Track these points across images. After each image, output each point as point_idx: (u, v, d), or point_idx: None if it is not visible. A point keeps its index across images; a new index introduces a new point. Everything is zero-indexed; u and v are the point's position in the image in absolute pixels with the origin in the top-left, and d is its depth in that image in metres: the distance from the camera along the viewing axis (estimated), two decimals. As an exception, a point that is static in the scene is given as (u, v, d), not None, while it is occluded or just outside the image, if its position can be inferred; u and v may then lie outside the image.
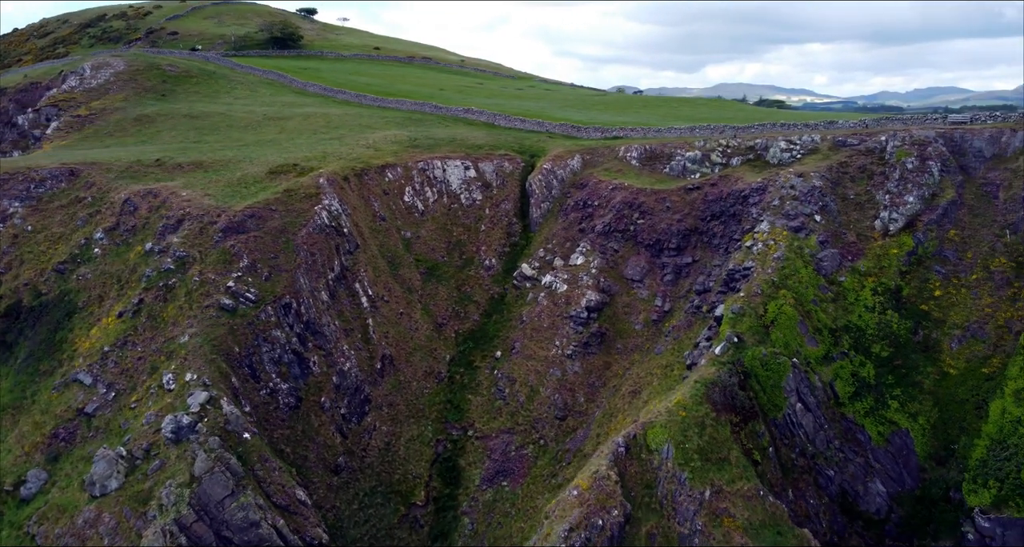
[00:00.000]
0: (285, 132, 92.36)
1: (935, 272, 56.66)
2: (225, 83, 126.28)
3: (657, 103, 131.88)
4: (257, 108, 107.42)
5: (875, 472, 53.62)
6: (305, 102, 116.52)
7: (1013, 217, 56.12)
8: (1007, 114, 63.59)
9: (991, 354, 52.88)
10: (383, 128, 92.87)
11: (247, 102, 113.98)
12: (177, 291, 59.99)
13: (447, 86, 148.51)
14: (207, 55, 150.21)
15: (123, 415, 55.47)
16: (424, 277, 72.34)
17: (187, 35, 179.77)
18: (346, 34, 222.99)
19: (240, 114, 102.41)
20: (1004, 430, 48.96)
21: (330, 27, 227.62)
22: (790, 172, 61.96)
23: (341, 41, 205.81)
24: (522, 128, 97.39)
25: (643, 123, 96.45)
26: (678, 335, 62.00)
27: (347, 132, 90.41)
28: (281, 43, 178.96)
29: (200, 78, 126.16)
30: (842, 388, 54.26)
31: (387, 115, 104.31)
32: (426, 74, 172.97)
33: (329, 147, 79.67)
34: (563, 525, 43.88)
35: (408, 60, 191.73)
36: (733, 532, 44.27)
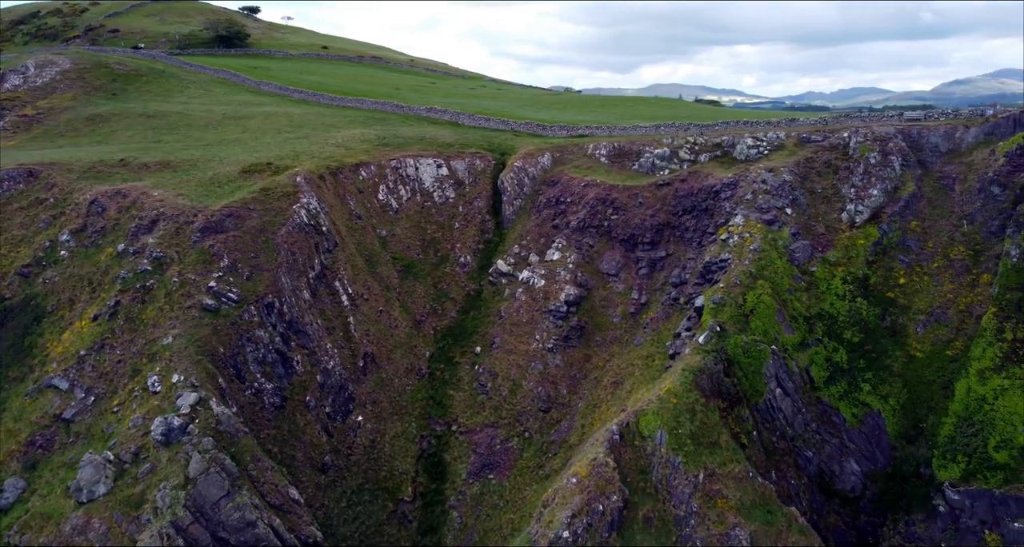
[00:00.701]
0: (248, 131, 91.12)
1: (899, 261, 59.71)
2: (177, 82, 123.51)
3: (614, 102, 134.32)
4: (215, 107, 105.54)
5: (850, 452, 56.29)
6: (262, 101, 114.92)
7: (969, 208, 59.55)
8: (958, 111, 67.32)
9: (954, 337, 56.07)
10: (348, 127, 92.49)
11: (203, 101, 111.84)
12: (156, 292, 58.93)
13: (402, 85, 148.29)
14: (154, 53, 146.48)
15: (105, 419, 54.29)
16: (401, 275, 72.57)
17: (128, 33, 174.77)
18: (292, 33, 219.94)
19: (198, 113, 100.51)
20: (970, 408, 52.08)
21: (275, 26, 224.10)
22: (760, 167, 64.40)
23: (288, 40, 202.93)
24: (487, 126, 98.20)
25: (604, 121, 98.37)
26: (657, 326, 63.77)
27: (312, 131, 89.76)
28: (227, 42, 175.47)
29: (150, 77, 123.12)
30: (817, 373, 56.78)
31: (349, 114, 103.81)
32: (377, 73, 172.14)
33: (299, 146, 79.08)
34: (565, 512, 44.98)
35: (358, 59, 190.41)
36: (727, 512, 46.06)
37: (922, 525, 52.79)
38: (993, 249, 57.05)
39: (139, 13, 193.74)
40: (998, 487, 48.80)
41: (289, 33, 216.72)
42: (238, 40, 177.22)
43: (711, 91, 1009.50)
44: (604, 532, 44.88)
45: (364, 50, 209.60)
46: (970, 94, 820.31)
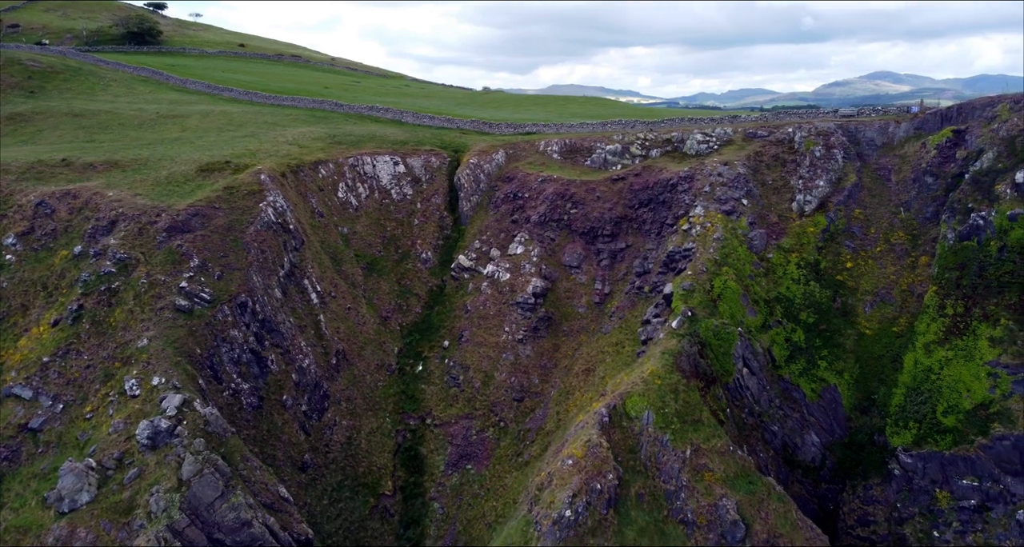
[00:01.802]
0: (188, 130, 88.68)
1: (846, 246, 64.32)
2: (97, 80, 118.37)
3: (546, 101, 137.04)
4: (145, 106, 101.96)
5: (810, 425, 60.35)
6: (192, 100, 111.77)
7: (905, 196, 64.76)
8: (887, 107, 72.84)
9: (898, 315, 60.97)
10: (294, 125, 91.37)
11: (129, 100, 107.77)
12: (123, 294, 57.15)
13: (330, 84, 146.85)
14: (64, 50, 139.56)
15: (78, 427, 52.42)
16: (365, 272, 72.61)
17: (29, 28, 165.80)
18: (203, 30, 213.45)
19: (129, 112, 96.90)
20: (918, 378, 56.84)
21: (184, 23, 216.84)
22: (715, 161, 67.93)
23: (201, 37, 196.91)
24: (432, 125, 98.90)
25: (541, 119, 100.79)
26: (623, 315, 66.32)
27: (257, 129, 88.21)
28: (139, 39, 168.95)
29: (68, 75, 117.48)
30: (778, 352, 60.61)
31: (288, 113, 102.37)
32: (301, 72, 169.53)
33: (251, 144, 77.72)
34: (566, 492, 46.70)
35: (277, 58, 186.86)
36: (714, 485, 48.85)
37: (879, 489, 57.26)
38: (929, 233, 62.33)
39: (39, 8, 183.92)
40: (947, 449, 53.54)
41: (201, 30, 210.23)
42: (150, 37, 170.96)
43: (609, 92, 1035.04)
44: (602, 509, 46.85)
45: (282, 49, 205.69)
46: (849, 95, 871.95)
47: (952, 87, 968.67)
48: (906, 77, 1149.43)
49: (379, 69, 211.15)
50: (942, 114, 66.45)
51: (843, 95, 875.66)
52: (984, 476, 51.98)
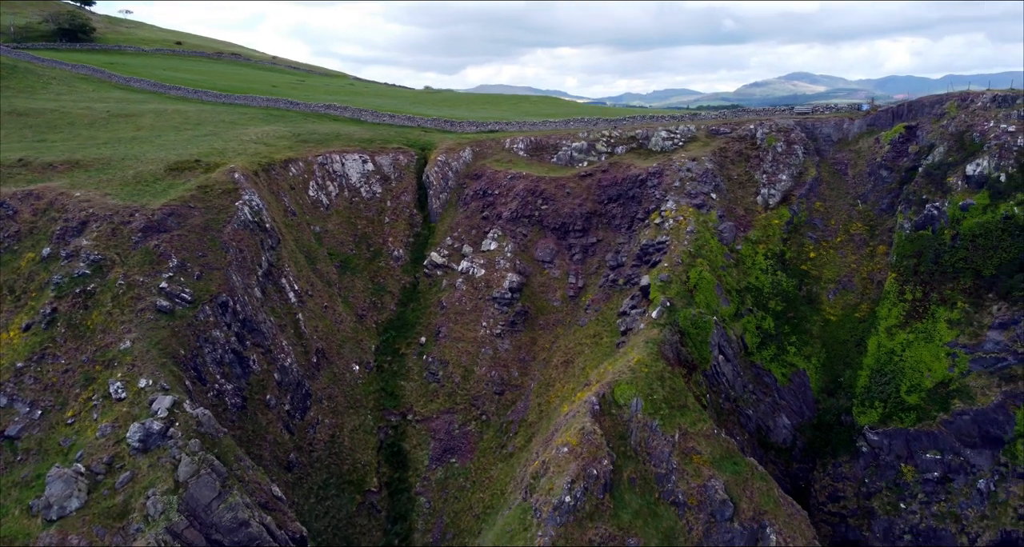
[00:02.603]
0: (144, 129, 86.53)
1: (808, 237, 67.52)
2: (36, 78, 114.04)
3: (498, 100, 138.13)
4: (93, 104, 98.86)
5: (781, 408, 63.22)
6: (139, 98, 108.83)
7: (862, 189, 68.37)
8: (837, 105, 76.55)
9: (860, 301, 64.38)
10: (253, 124, 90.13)
11: (74, 98, 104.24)
12: (100, 296, 55.80)
13: (278, 83, 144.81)
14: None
15: (60, 432, 51.05)
16: (339, 270, 72.43)
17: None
18: (136, 28, 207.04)
19: (77, 111, 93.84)
20: (881, 360, 60.25)
21: (115, 20, 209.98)
22: (683, 157, 70.28)
23: (135, 35, 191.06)
24: (392, 123, 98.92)
25: (500, 118, 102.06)
26: (599, 307, 68.04)
27: (217, 128, 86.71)
28: (71, 36, 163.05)
29: (2, 72, 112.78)
30: (750, 339, 63.26)
31: (244, 111, 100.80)
32: (244, 71, 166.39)
33: (215, 143, 76.48)
34: (564, 478, 47.99)
35: (216, 56, 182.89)
36: (702, 467, 50.90)
37: (847, 466, 60.48)
38: (885, 224, 65.99)
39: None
40: (912, 425, 57.02)
41: (134, 28, 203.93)
42: (83, 34, 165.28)
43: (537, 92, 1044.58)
44: (599, 494, 48.35)
45: (220, 47, 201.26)
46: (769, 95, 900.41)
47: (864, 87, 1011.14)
48: (822, 78, 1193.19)
49: (321, 68, 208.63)
50: (893, 111, 70.38)
51: (763, 95, 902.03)
52: (946, 450, 55.56)
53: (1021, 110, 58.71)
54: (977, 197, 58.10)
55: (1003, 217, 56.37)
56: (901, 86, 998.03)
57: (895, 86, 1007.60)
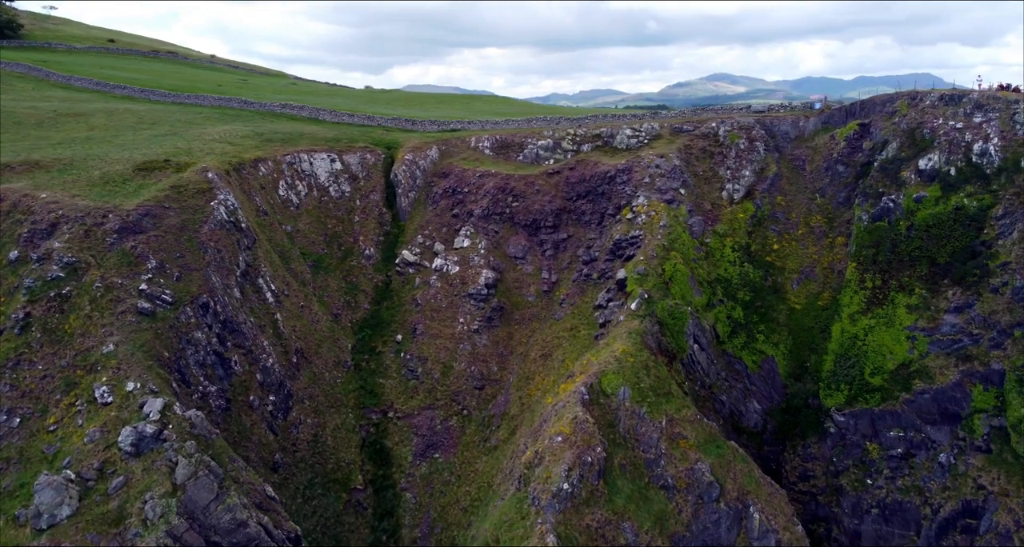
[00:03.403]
0: (98, 129, 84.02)
1: (771, 230, 70.58)
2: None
3: (451, 99, 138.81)
4: (37, 104, 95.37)
5: (752, 394, 65.99)
6: (84, 98, 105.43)
7: (819, 183, 71.84)
8: (791, 104, 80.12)
9: (822, 290, 67.71)
10: (210, 124, 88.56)
11: (13, 97, 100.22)
12: (77, 300, 54.37)
13: (223, 82, 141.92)
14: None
15: (42, 440, 49.67)
16: (313, 270, 72.07)
17: None
18: (63, 24, 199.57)
19: (23, 111, 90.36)
20: (845, 345, 63.56)
21: (40, 16, 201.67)
22: (651, 154, 72.49)
23: (63, 31, 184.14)
24: (351, 122, 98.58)
25: (458, 117, 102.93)
26: (574, 301, 69.63)
27: (174, 128, 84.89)
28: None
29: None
30: (722, 329, 65.83)
31: (197, 111, 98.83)
32: (184, 69, 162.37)
33: (178, 143, 75.00)
34: (561, 466, 49.27)
35: (153, 54, 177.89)
36: (688, 451, 52.98)
37: (816, 446, 63.61)
38: (843, 216, 69.54)
39: None
40: (876, 406, 60.40)
41: (61, 24, 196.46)
42: (10, 30, 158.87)
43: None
44: (593, 480, 49.85)
45: (154, 45, 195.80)
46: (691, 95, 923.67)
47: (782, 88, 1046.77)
48: (742, 79, 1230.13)
49: (261, 67, 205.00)
50: (846, 109, 74.16)
51: (686, 95, 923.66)
52: (908, 427, 59.09)
53: (967, 108, 62.83)
54: (929, 190, 61.90)
55: (954, 208, 60.25)
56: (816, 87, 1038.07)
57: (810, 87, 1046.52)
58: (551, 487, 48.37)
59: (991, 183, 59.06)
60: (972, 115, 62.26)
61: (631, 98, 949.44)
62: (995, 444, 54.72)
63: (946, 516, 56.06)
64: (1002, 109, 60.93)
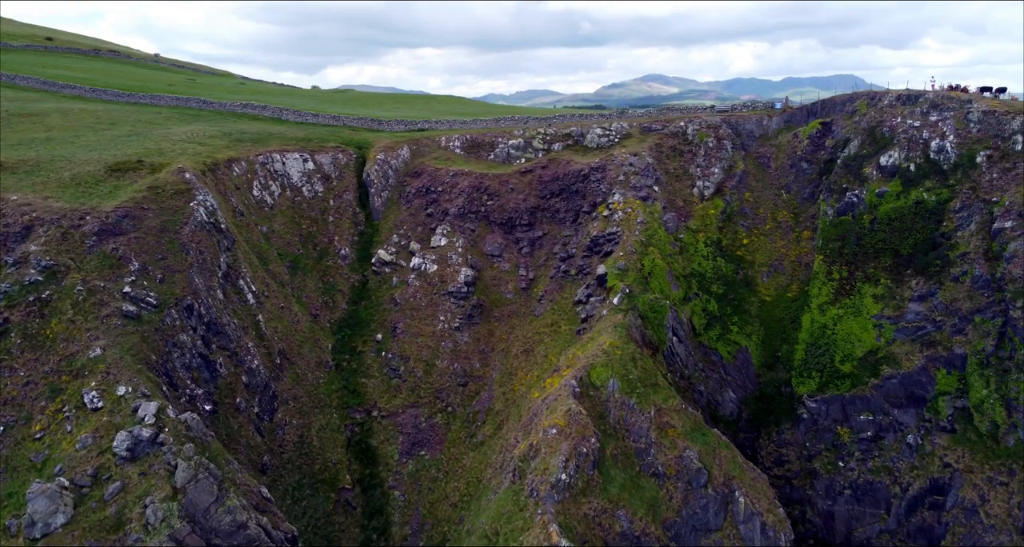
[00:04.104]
0: (56, 129, 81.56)
1: (741, 226, 73.09)
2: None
3: (409, 99, 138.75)
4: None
5: (728, 383, 68.30)
6: (33, 98, 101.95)
7: (785, 180, 74.70)
8: (755, 103, 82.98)
9: (791, 282, 70.47)
10: (173, 124, 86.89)
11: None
12: (57, 304, 53.08)
13: (173, 82, 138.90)
14: None
15: (29, 448, 48.44)
16: (290, 270, 71.59)
17: None
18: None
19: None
20: (815, 334, 66.37)
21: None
22: (624, 152, 74.23)
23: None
24: (316, 122, 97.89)
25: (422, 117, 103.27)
26: (552, 297, 70.87)
27: (137, 128, 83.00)
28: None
29: None
30: (698, 321, 67.96)
31: (156, 111, 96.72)
32: (128, 69, 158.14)
33: (146, 143, 73.44)
34: (558, 458, 50.41)
35: (94, 53, 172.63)
36: (677, 439, 54.74)
37: (789, 432, 66.26)
38: (808, 211, 72.51)
39: None
40: (846, 391, 63.28)
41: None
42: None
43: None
44: (589, 471, 51.16)
45: (95, 44, 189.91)
46: (626, 96, 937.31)
47: (714, 89, 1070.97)
48: (675, 79, 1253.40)
49: (205, 67, 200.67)
50: (807, 109, 77.29)
51: (621, 96, 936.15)
52: (877, 411, 62.12)
53: (923, 107, 66.31)
54: (891, 185, 65.16)
55: (914, 202, 63.59)
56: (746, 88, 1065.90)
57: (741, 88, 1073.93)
58: (549, 478, 49.44)
59: (948, 178, 62.53)
60: (928, 114, 65.75)
61: (567, 98, 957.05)
62: (959, 424, 58.06)
63: (915, 494, 59.22)
64: (956, 108, 64.53)
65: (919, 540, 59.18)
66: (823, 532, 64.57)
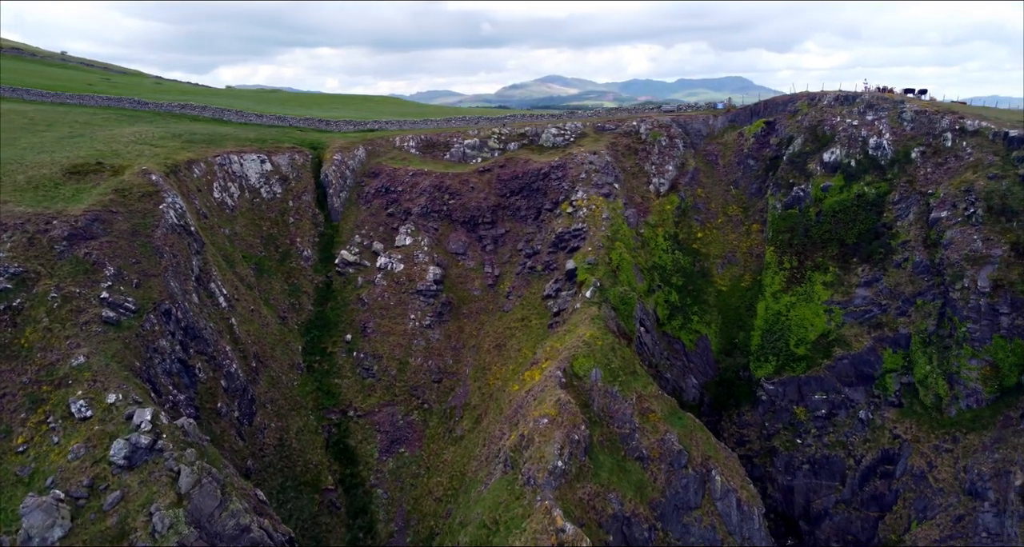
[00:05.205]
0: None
1: (695, 220, 76.81)
2: None
3: (345, 100, 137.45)
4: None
5: (690, 370, 71.79)
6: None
7: (733, 176, 78.94)
8: (697, 104, 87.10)
9: (744, 273, 74.63)
10: (112, 125, 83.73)
11: None
12: (31, 312, 51.02)
13: (91, 81, 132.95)
14: None
15: (13, 462, 46.55)
16: (256, 273, 70.62)
17: None
18: None
19: None
20: (770, 321, 70.65)
21: None
22: (583, 151, 76.72)
23: None
24: (260, 123, 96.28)
25: (359, 117, 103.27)
26: (520, 293, 72.62)
27: (76, 129, 79.64)
28: None
29: None
30: (661, 312, 71.15)
31: (91, 112, 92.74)
32: (37, 67, 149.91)
33: (95, 144, 70.68)
34: (552, 446, 52.24)
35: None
36: (658, 423, 57.50)
37: (749, 414, 70.32)
38: (756, 206, 76.91)
39: None
40: (802, 373, 67.74)
41: None
42: None
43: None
44: (581, 457, 53.25)
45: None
46: (527, 96, 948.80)
47: (611, 90, 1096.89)
48: (573, 81, 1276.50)
49: (115, 66, 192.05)
50: (751, 109, 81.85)
51: (522, 97, 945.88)
52: (830, 390, 66.79)
53: (860, 108, 71.63)
54: (834, 180, 70.09)
55: (856, 196, 68.67)
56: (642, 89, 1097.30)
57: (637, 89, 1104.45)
58: (546, 466, 51.17)
59: (886, 173, 67.86)
60: (865, 114, 71.08)
61: (469, 99, 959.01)
62: (906, 398, 63.22)
63: (868, 465, 64.05)
64: (890, 108, 70.04)
65: (872, 507, 64.07)
66: (782, 506, 68.90)
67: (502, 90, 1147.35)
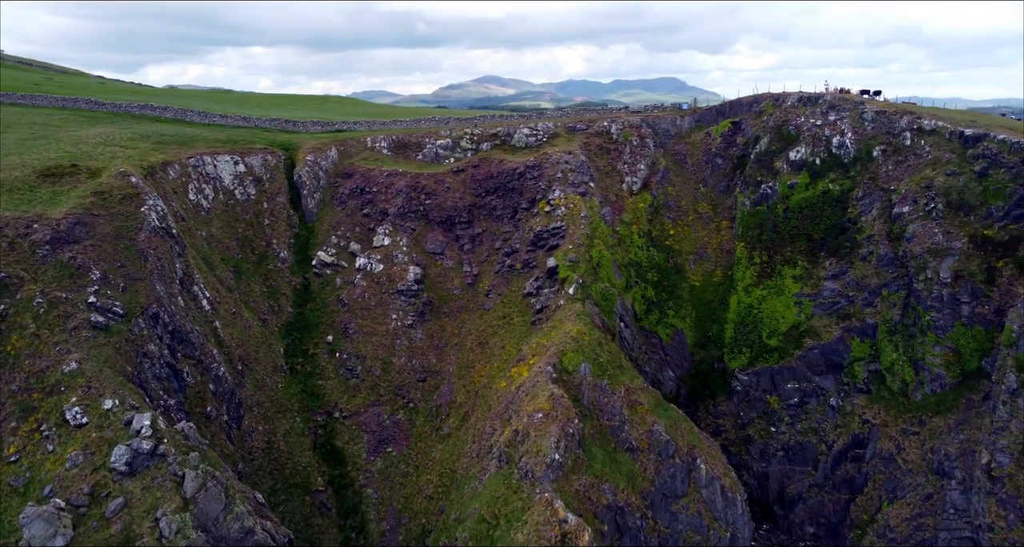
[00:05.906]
0: (-57, 132, 74.68)
1: (667, 218, 78.99)
2: None
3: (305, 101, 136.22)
4: None
5: (667, 363, 73.88)
6: None
7: (702, 175, 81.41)
8: (663, 104, 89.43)
9: (715, 268, 77.10)
10: (73, 126, 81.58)
11: None
12: (16, 318, 49.73)
13: (36, 81, 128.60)
14: None
15: (6, 472, 45.44)
16: (234, 275, 69.86)
17: None
18: None
19: None
20: (742, 314, 73.22)
21: None
22: (558, 151, 78.09)
23: None
24: (224, 123, 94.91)
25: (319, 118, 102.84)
26: (500, 291, 73.61)
27: (36, 130, 77.35)
28: None
29: None
30: (639, 307, 73.05)
31: (47, 113, 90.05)
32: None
33: (63, 146, 68.77)
34: (549, 440, 53.41)
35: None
36: (646, 415, 59.26)
37: (724, 404, 72.79)
38: (724, 203, 79.50)
39: None
40: (775, 363, 70.47)
41: None
42: None
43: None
44: (575, 449, 54.57)
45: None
46: (464, 97, 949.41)
47: (548, 90, 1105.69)
48: (510, 81, 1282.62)
49: (54, 65, 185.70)
50: (716, 109, 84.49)
51: (459, 97, 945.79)
52: (802, 379, 69.68)
53: (823, 108, 74.82)
54: (800, 177, 73.06)
55: (822, 192, 71.76)
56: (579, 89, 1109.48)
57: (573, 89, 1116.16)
58: (544, 459, 52.32)
59: (849, 170, 71.09)
60: (828, 114, 74.28)
61: (405, 99, 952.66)
62: (873, 385, 66.42)
63: (839, 450, 67.08)
64: (851, 109, 73.37)
65: (844, 490, 67.12)
66: (757, 492, 71.55)
67: (439, 90, 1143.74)
